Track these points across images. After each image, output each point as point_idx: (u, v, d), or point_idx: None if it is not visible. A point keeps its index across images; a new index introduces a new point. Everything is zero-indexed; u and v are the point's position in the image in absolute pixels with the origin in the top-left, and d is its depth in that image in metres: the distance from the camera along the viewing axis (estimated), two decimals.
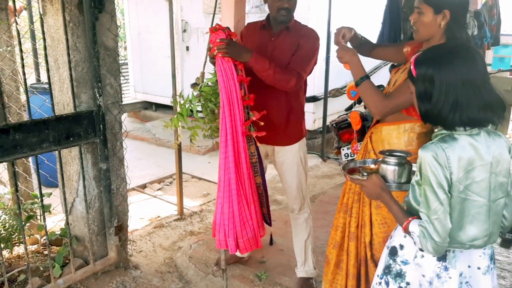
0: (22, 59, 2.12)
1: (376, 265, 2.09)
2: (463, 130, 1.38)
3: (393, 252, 1.57)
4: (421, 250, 1.44)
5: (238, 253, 2.80)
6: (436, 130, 1.46)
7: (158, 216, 3.82)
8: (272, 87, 2.33)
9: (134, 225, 3.54)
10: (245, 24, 2.75)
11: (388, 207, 1.53)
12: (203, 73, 2.61)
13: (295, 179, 2.59)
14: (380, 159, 1.70)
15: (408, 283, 1.51)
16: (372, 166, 1.83)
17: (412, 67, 1.42)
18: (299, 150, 2.56)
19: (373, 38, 4.94)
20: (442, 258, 1.45)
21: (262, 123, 2.22)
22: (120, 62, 2.63)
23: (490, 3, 6.70)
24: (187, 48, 6.69)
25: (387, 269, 1.58)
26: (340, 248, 2.19)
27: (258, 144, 2.32)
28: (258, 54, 2.20)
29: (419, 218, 1.41)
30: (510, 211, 1.50)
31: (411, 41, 2.16)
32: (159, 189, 4.50)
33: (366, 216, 2.06)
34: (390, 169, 1.60)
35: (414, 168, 1.64)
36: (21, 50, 2.10)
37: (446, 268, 1.45)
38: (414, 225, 1.40)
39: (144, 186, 4.53)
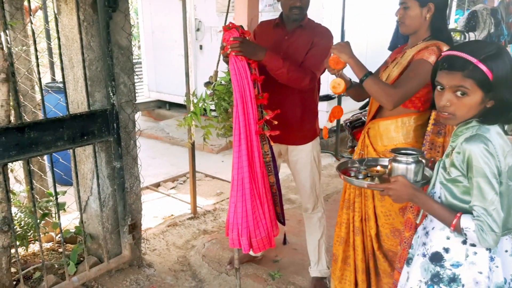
0: (37, 58, 2.14)
1: (384, 255, 2.08)
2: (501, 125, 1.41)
3: (437, 258, 1.47)
4: (473, 245, 1.40)
5: (251, 252, 2.79)
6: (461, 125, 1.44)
7: (172, 215, 3.83)
8: (286, 86, 2.31)
9: (148, 223, 3.56)
10: (258, 23, 2.74)
11: (426, 207, 1.46)
12: (216, 72, 2.60)
13: (308, 178, 2.57)
14: (386, 158, 1.65)
15: (463, 285, 1.43)
16: (378, 167, 1.79)
17: (484, 68, 1.32)
18: (313, 149, 2.54)
19: (387, 37, 4.90)
20: (490, 249, 1.41)
21: (276, 122, 2.20)
22: (134, 61, 2.64)
23: (507, 1, 6.58)
24: (201, 47, 6.70)
25: (436, 278, 1.47)
26: (346, 244, 2.19)
27: (272, 143, 2.30)
28: (272, 53, 2.19)
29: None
30: None
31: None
32: (172, 187, 4.51)
33: (370, 209, 2.06)
34: (408, 168, 1.56)
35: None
36: (36, 50, 2.12)
37: (492, 259, 1.41)
38: (467, 220, 1.35)
39: (158, 185, 4.55)
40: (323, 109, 5.39)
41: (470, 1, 9.69)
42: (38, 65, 2.16)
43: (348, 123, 3.41)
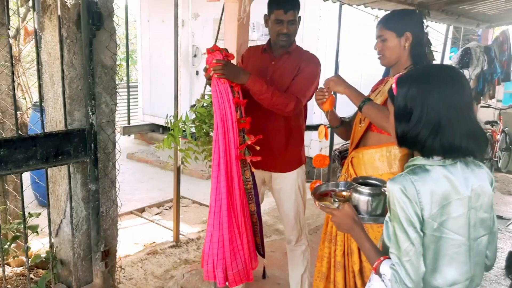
0: (12, 73, 2.07)
1: None
2: (440, 159, 1.24)
3: None
4: None
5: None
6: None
7: (154, 242, 3.69)
8: (271, 111, 2.24)
9: (127, 250, 3.42)
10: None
11: (359, 243, 1.38)
12: (203, 95, 2.53)
13: (292, 208, 2.46)
14: (353, 184, 1.56)
15: None
16: (345, 193, 1.70)
17: (394, 85, 1.31)
18: (298, 177, 2.44)
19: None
20: None
21: (258, 148, 2.12)
22: (130, 84, 2.57)
23: (501, 39, 6.65)
24: (197, 73, 6.70)
25: None
26: (327, 280, 2.07)
27: (253, 170, 2.21)
28: (255, 77, 2.13)
29: None
30: (493, 249, 1.36)
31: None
32: (158, 213, 4.38)
33: (353, 243, 1.95)
34: (362, 199, 1.47)
35: None
36: (12, 65, 2.05)
37: None
38: (385, 267, 1.25)
39: (142, 210, 4.42)
40: (316, 138, 5.33)
41: (465, 39, 9.83)
42: (13, 81, 2.09)
43: (337, 153, 3.33)
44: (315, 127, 4.69)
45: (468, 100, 1.25)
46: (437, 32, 5.84)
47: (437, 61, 5.13)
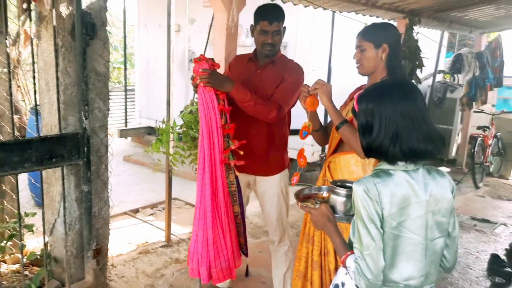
0: (10, 80, 2.19)
1: None
2: (403, 165, 1.37)
3: None
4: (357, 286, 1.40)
5: (221, 284, 2.76)
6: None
7: (146, 242, 3.80)
8: (254, 117, 2.36)
9: (120, 249, 3.54)
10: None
11: (331, 238, 1.52)
12: (192, 101, 2.65)
13: (275, 210, 2.58)
14: (331, 186, 1.69)
15: None
16: (325, 194, 1.82)
17: (355, 103, 1.46)
18: (280, 181, 2.56)
19: None
20: None
21: (241, 153, 2.24)
22: (128, 87, 2.68)
23: (494, 45, 6.76)
24: (192, 78, 6.80)
25: None
26: (305, 278, 2.18)
27: (237, 173, 2.33)
28: (240, 85, 2.24)
29: None
30: (452, 252, 1.47)
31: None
32: (151, 214, 4.50)
33: (330, 243, 2.06)
34: (339, 200, 1.61)
35: None
36: (9, 72, 2.17)
37: None
38: (350, 260, 1.38)
39: (136, 211, 4.53)
40: (308, 142, 5.44)
41: (460, 44, 9.96)
42: (10, 87, 2.21)
43: (324, 157, 3.46)
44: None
45: (422, 108, 1.38)
46: (429, 38, 5.96)
47: (426, 67, 5.26)
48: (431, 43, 6.40)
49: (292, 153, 4.69)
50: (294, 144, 2.89)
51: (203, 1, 5.91)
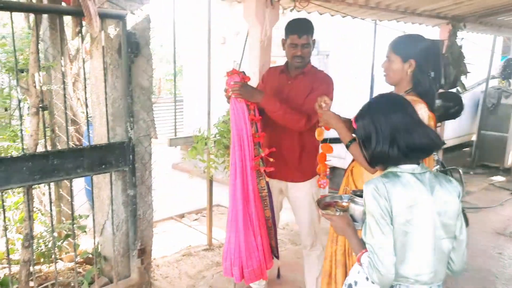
0: (64, 95, 2.46)
1: None
2: (410, 168, 1.47)
3: None
4: (373, 282, 1.48)
5: (256, 286, 2.88)
6: None
7: (189, 245, 4.00)
8: (286, 127, 2.47)
9: (165, 251, 3.76)
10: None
11: (349, 240, 1.61)
12: (228, 111, 2.83)
13: (307, 215, 2.67)
14: (351, 196, 1.78)
15: None
16: (345, 204, 1.91)
17: (353, 123, 1.59)
18: (311, 187, 2.65)
19: None
20: None
21: (271, 159, 2.37)
22: (177, 99, 2.89)
23: None
24: (225, 90, 7.03)
25: None
26: (330, 276, 2.25)
27: (267, 179, 2.45)
28: (269, 96, 2.38)
29: None
30: (459, 255, 1.53)
31: None
32: (195, 219, 4.72)
33: None
34: (358, 209, 1.69)
35: None
36: (64, 88, 2.44)
37: None
38: (364, 256, 1.48)
39: (182, 216, 4.77)
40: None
41: None
42: (65, 101, 2.48)
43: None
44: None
45: (412, 116, 1.51)
46: (476, 44, 5.81)
47: (470, 73, 5.14)
48: (483, 48, 6.22)
49: (335, 161, 4.74)
50: (337, 152, 2.96)
51: None
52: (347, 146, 2.04)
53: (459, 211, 1.50)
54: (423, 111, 1.82)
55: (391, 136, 1.46)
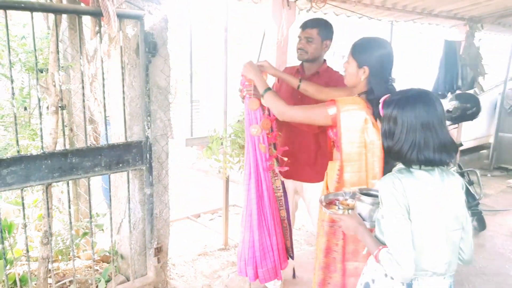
0: (83, 94, 2.50)
1: None
2: (418, 168, 1.48)
3: None
4: (392, 278, 1.48)
5: (272, 286, 2.88)
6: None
7: (205, 245, 4.02)
8: (301, 128, 2.47)
9: (181, 251, 3.78)
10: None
11: (363, 239, 1.61)
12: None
13: None
14: (357, 195, 1.76)
15: None
16: (348, 201, 1.89)
17: (380, 107, 1.55)
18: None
19: (428, 83, 4.92)
20: (409, 286, 1.49)
21: (286, 159, 2.36)
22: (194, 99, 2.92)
23: None
24: (240, 90, 7.06)
25: None
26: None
27: (285, 179, 2.45)
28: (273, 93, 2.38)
29: None
30: (468, 245, 1.55)
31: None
32: (211, 219, 4.73)
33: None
34: (365, 207, 1.68)
35: None
36: (83, 88, 2.48)
37: None
38: (383, 253, 1.47)
39: (198, 216, 4.80)
40: None
41: None
42: (84, 100, 2.52)
43: None
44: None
45: (440, 117, 1.48)
46: (493, 44, 5.71)
47: (488, 74, 5.05)
48: (504, 49, 6.11)
49: None
50: None
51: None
52: (263, 95, 2.17)
53: (464, 202, 1.53)
54: (359, 118, 1.87)
55: (414, 141, 1.47)
